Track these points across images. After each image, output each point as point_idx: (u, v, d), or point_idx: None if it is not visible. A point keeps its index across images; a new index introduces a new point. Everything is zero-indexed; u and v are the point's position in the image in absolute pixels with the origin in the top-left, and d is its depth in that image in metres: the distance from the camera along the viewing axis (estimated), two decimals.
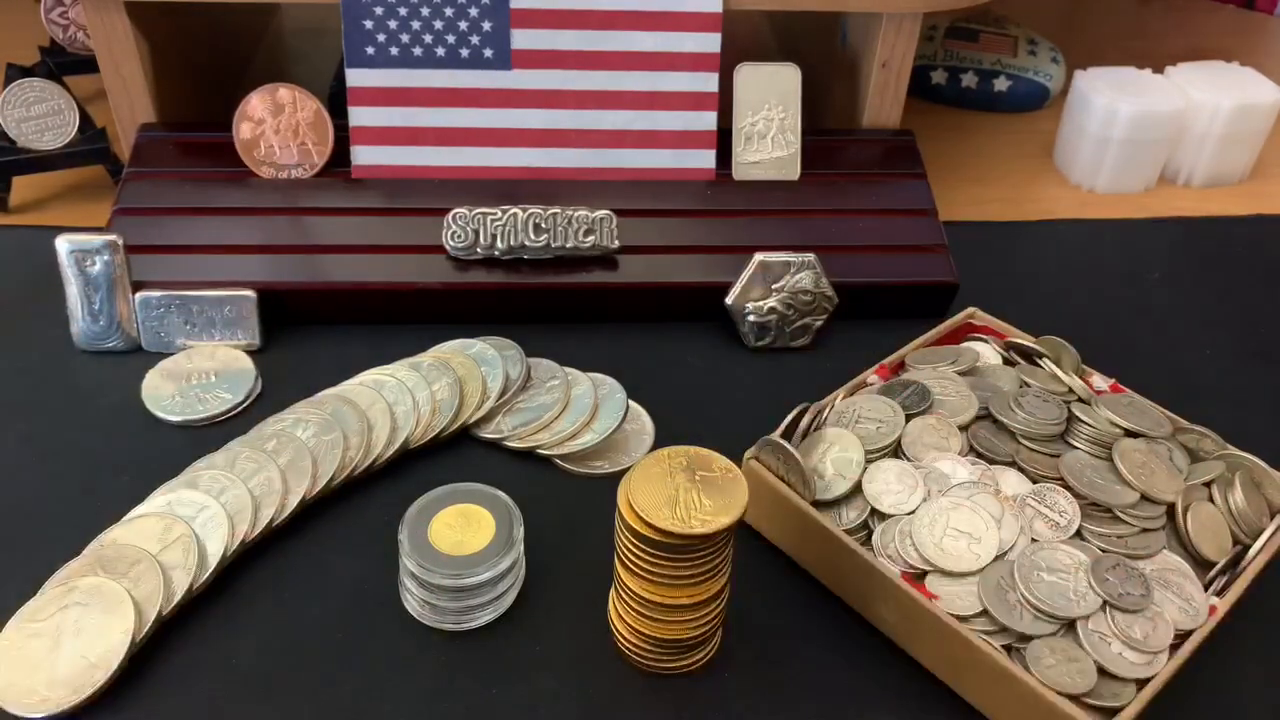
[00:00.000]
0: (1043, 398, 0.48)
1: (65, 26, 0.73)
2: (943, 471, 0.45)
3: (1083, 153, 0.74)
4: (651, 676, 0.42)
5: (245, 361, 0.55)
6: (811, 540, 0.44)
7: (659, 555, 0.37)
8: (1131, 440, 0.46)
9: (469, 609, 0.43)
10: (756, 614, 0.44)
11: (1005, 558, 0.42)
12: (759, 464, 0.46)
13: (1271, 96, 0.73)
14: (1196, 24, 0.99)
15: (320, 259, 0.57)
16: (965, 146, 0.79)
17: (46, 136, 0.64)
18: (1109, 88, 0.72)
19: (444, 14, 0.58)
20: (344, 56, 0.59)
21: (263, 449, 0.48)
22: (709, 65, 0.60)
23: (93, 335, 0.55)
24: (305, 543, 0.46)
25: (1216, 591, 0.42)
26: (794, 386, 0.56)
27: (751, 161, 0.62)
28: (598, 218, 0.57)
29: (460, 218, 0.57)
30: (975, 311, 0.56)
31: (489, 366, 0.53)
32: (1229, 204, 0.74)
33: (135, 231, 0.56)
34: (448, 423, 0.51)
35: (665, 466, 0.38)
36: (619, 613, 0.41)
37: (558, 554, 0.46)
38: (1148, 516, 0.43)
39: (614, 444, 0.51)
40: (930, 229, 0.61)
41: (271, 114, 0.59)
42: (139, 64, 0.61)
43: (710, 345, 0.58)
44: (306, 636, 0.43)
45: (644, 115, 0.61)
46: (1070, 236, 0.70)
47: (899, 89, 0.65)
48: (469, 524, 0.44)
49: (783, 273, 0.56)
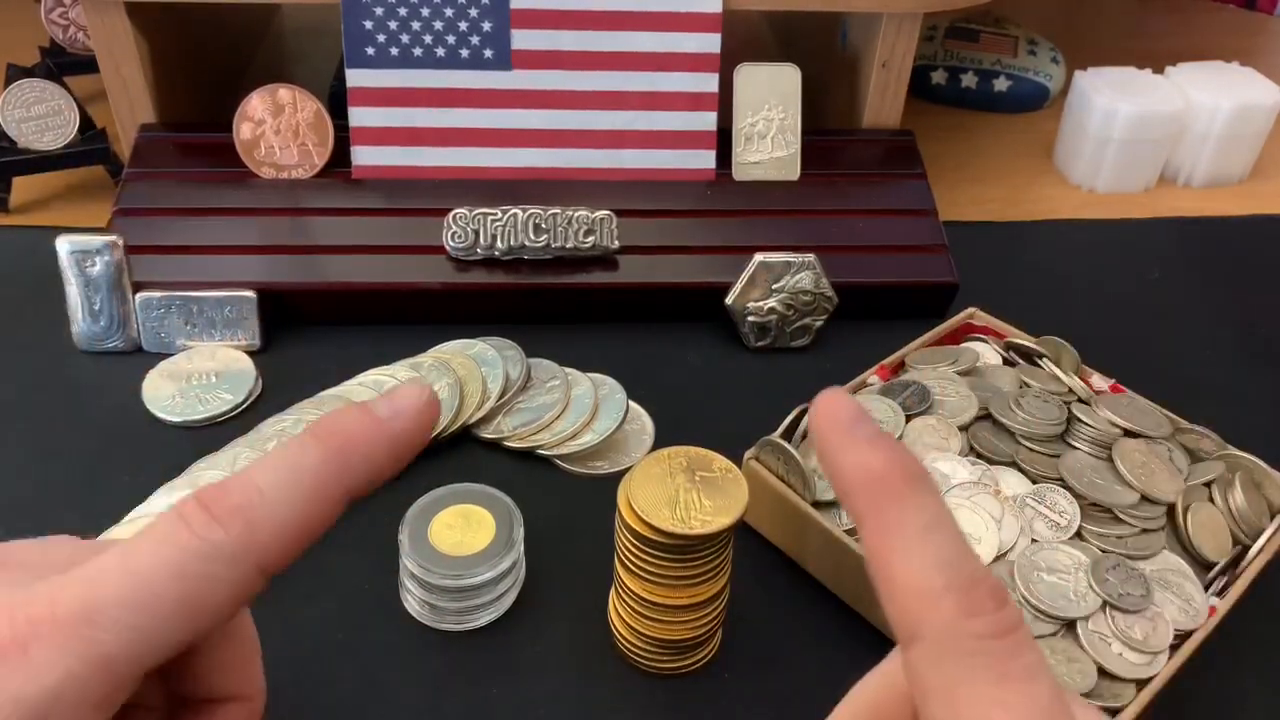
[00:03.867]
0: (1043, 398, 0.48)
1: (65, 26, 0.73)
2: (943, 472, 0.45)
3: (1083, 153, 0.74)
4: (651, 676, 0.42)
5: (245, 362, 0.55)
6: (811, 540, 0.44)
7: (659, 555, 0.37)
8: (1131, 440, 0.46)
9: (469, 609, 0.43)
10: (756, 614, 0.44)
11: (1005, 558, 0.42)
12: (759, 464, 0.46)
13: (1271, 96, 0.73)
14: (1196, 24, 0.99)
15: (320, 259, 0.57)
16: (965, 146, 0.79)
17: (46, 136, 0.64)
18: (1109, 88, 0.72)
19: (444, 14, 0.58)
20: (344, 56, 0.59)
21: (263, 449, 0.48)
22: (709, 65, 0.60)
23: (93, 335, 0.55)
24: None
25: (1216, 592, 0.42)
26: (794, 386, 0.56)
27: (751, 161, 0.62)
28: (598, 218, 0.57)
29: (460, 218, 0.57)
30: (975, 311, 0.56)
31: (489, 367, 0.53)
32: (1229, 204, 0.74)
33: (135, 231, 0.56)
34: (448, 423, 0.51)
35: (665, 467, 0.38)
36: (619, 613, 0.41)
37: (558, 554, 0.46)
38: (1148, 517, 0.43)
39: (614, 444, 0.51)
40: (930, 229, 0.61)
41: (271, 114, 0.59)
42: (139, 64, 0.61)
43: (710, 345, 0.58)
44: (306, 636, 0.43)
45: (644, 115, 0.61)
46: (1070, 236, 0.70)
47: (899, 89, 0.65)
48: (469, 524, 0.44)
49: (783, 273, 0.56)
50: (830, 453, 0.21)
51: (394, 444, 0.23)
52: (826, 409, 0.22)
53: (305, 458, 0.22)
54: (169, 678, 0.24)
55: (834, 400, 0.22)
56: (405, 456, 0.24)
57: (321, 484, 0.22)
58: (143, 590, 0.20)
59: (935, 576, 0.20)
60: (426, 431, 0.24)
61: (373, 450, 0.23)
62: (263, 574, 0.22)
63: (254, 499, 0.22)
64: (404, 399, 0.24)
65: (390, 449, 0.23)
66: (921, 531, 0.20)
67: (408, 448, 0.24)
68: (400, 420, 0.23)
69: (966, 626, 0.19)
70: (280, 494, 0.22)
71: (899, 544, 0.20)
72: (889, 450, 0.21)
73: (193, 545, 0.21)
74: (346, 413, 0.23)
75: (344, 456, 0.22)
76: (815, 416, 0.22)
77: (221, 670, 0.25)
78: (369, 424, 0.23)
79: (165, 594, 0.20)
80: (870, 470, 0.21)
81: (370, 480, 0.23)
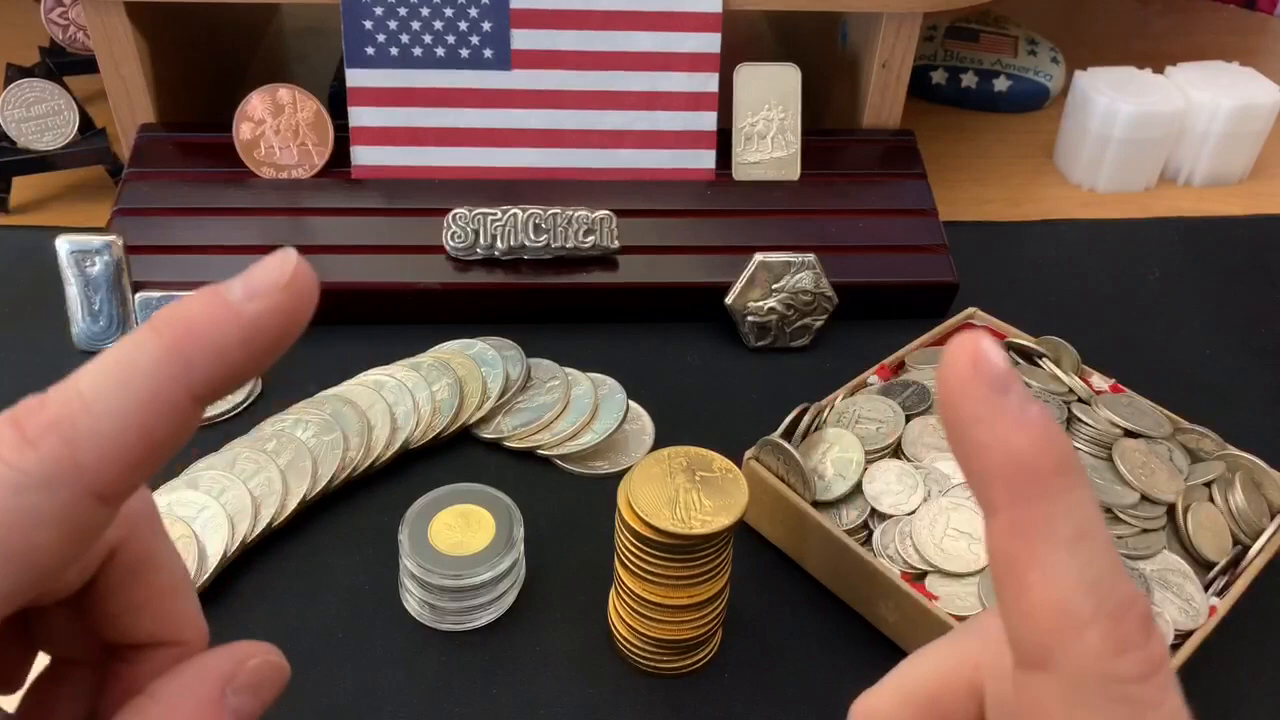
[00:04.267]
0: (1043, 398, 0.48)
1: (65, 26, 0.73)
2: (943, 472, 0.45)
3: (1083, 153, 0.74)
4: (651, 676, 0.42)
5: None
6: (811, 540, 0.44)
7: (659, 555, 0.37)
8: (1131, 440, 0.46)
9: (469, 609, 0.43)
10: (756, 614, 0.44)
11: None
12: (759, 464, 0.46)
13: (1271, 96, 0.73)
14: (1196, 24, 0.99)
15: (320, 259, 0.57)
16: (965, 146, 0.79)
17: (46, 136, 0.64)
18: (1109, 88, 0.72)
19: (444, 14, 0.58)
20: (344, 56, 0.59)
21: (263, 449, 0.48)
22: (709, 65, 0.60)
23: (93, 335, 0.55)
24: (305, 543, 0.46)
25: (1216, 592, 0.42)
26: (794, 386, 0.56)
27: (751, 162, 0.62)
28: (598, 218, 0.57)
29: (460, 218, 0.57)
30: (975, 311, 0.56)
31: (489, 367, 0.53)
32: (1229, 204, 0.74)
33: (135, 231, 0.56)
34: (448, 423, 0.51)
35: (665, 466, 0.38)
36: (619, 613, 0.41)
37: (558, 554, 0.46)
38: (1148, 517, 0.43)
39: (614, 444, 0.51)
40: (930, 229, 0.61)
41: (271, 114, 0.59)
42: (139, 64, 0.61)
43: (710, 345, 0.58)
44: (307, 637, 0.43)
45: (644, 115, 0.61)
46: (1070, 236, 0.70)
47: (899, 89, 0.65)
48: (469, 524, 0.44)
49: (783, 273, 0.56)
50: (964, 423, 0.17)
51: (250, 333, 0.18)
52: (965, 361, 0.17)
53: (139, 354, 0.18)
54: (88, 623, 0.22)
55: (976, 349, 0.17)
56: (269, 349, 0.19)
57: (160, 386, 0.18)
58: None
59: (1084, 599, 0.17)
60: (296, 317, 0.19)
61: (223, 343, 0.18)
62: (100, 500, 0.18)
63: (74, 410, 0.18)
64: (263, 275, 0.19)
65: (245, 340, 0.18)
66: (1071, 540, 0.17)
67: (271, 338, 0.18)
68: (258, 302, 0.18)
69: (1112, 667, 0.17)
70: (109, 403, 0.18)
71: (1042, 552, 0.17)
72: (1043, 429, 0.17)
73: (1, 474, 0.17)
74: (192, 298, 0.19)
75: (185, 350, 0.18)
76: (949, 370, 0.17)
77: (137, 611, 0.22)
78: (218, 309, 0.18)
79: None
80: (1017, 454, 0.17)
81: (222, 379, 0.18)
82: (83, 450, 0.18)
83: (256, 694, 0.21)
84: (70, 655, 0.22)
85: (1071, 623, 0.17)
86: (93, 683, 0.23)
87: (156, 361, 0.18)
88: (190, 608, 0.23)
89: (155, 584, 0.22)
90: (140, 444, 0.18)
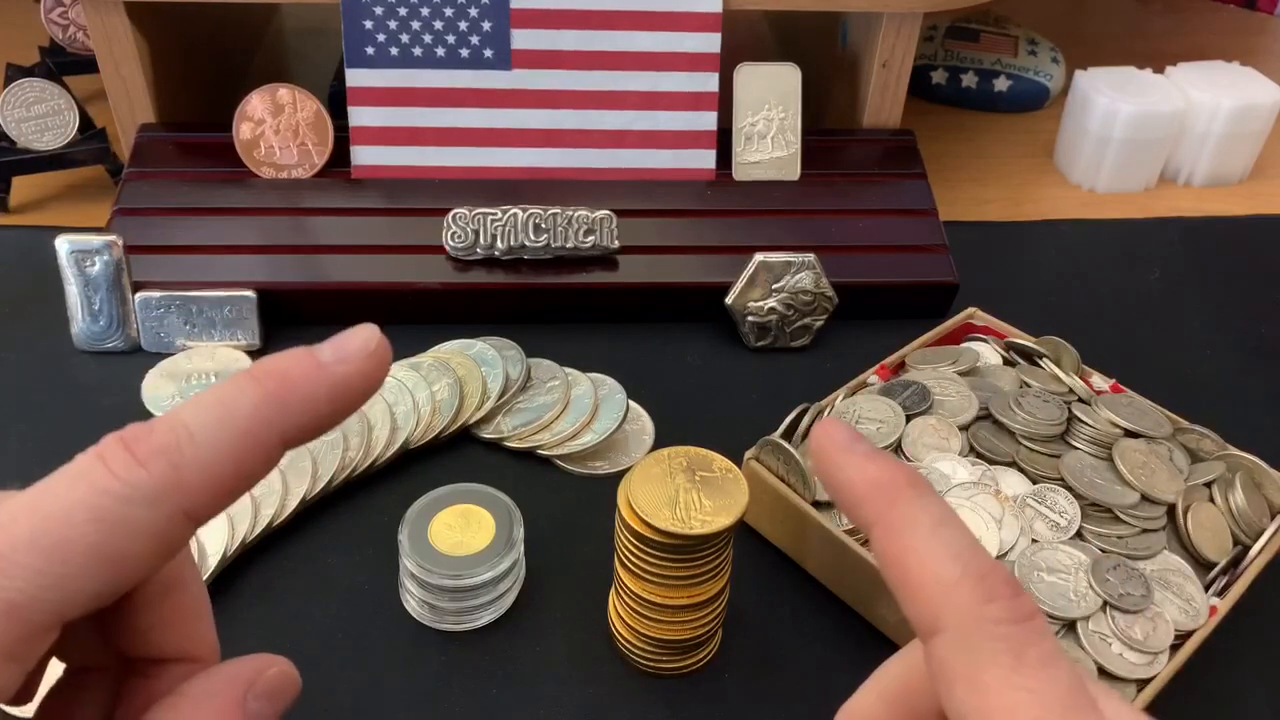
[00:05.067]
0: (1043, 398, 0.48)
1: (65, 26, 0.73)
2: (943, 472, 0.45)
3: (1083, 153, 0.74)
4: (651, 676, 0.42)
5: (245, 362, 0.55)
6: (811, 540, 0.44)
7: (659, 556, 0.37)
8: (1131, 440, 0.46)
9: (469, 609, 0.43)
10: (756, 614, 0.44)
11: (1005, 558, 0.42)
12: (759, 464, 0.46)
13: (1271, 96, 0.73)
14: (1196, 24, 0.99)
15: (320, 259, 0.57)
16: (965, 146, 0.79)
17: (46, 136, 0.64)
18: (1109, 88, 0.72)
19: (444, 14, 0.58)
20: (344, 56, 0.59)
21: None
22: (709, 65, 0.60)
23: (93, 335, 0.55)
24: (305, 543, 0.46)
25: (1217, 592, 0.42)
26: (794, 386, 0.56)
27: (751, 161, 0.62)
28: (598, 218, 0.57)
29: (460, 218, 0.57)
30: (975, 311, 0.56)
31: (489, 367, 0.53)
32: (1229, 204, 0.74)
33: (135, 231, 0.56)
34: (448, 423, 0.51)
35: (665, 467, 0.38)
36: (619, 613, 0.41)
37: (558, 554, 0.46)
38: (1148, 517, 0.43)
39: (614, 444, 0.51)
40: (930, 229, 0.61)
41: (271, 114, 0.59)
42: (139, 64, 0.61)
43: (710, 345, 0.58)
44: (306, 636, 0.43)
45: (644, 115, 0.61)
46: (1070, 236, 0.70)
47: (899, 89, 0.65)
48: (469, 524, 0.44)
49: (783, 273, 0.56)
50: (832, 471, 0.22)
51: (336, 390, 0.22)
52: (824, 434, 0.23)
53: (240, 397, 0.21)
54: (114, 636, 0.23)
55: (830, 426, 0.23)
56: (348, 405, 0.22)
57: (255, 427, 0.21)
58: (53, 533, 0.19)
59: (951, 566, 0.20)
60: (373, 380, 0.22)
61: (313, 395, 0.21)
62: (189, 520, 0.20)
63: (181, 439, 0.20)
64: (350, 343, 0.22)
65: (331, 396, 0.22)
66: (931, 527, 0.21)
67: (351, 396, 0.22)
68: (345, 365, 0.22)
69: (985, 611, 0.20)
70: (210, 435, 0.20)
71: (911, 541, 0.21)
72: (888, 460, 0.22)
73: (110, 486, 0.19)
74: (287, 355, 0.22)
75: (281, 400, 0.21)
76: (814, 442, 0.23)
77: (164, 628, 0.23)
78: (310, 367, 0.21)
79: (77, 537, 0.19)
80: (873, 479, 0.22)
81: (308, 427, 0.21)
82: (185, 475, 0.20)
83: (272, 701, 0.23)
84: (93, 663, 0.24)
85: (946, 586, 0.20)
86: (107, 695, 0.24)
87: (255, 405, 0.21)
88: (209, 628, 0.25)
89: (182, 603, 0.24)
90: (233, 474, 0.21)
